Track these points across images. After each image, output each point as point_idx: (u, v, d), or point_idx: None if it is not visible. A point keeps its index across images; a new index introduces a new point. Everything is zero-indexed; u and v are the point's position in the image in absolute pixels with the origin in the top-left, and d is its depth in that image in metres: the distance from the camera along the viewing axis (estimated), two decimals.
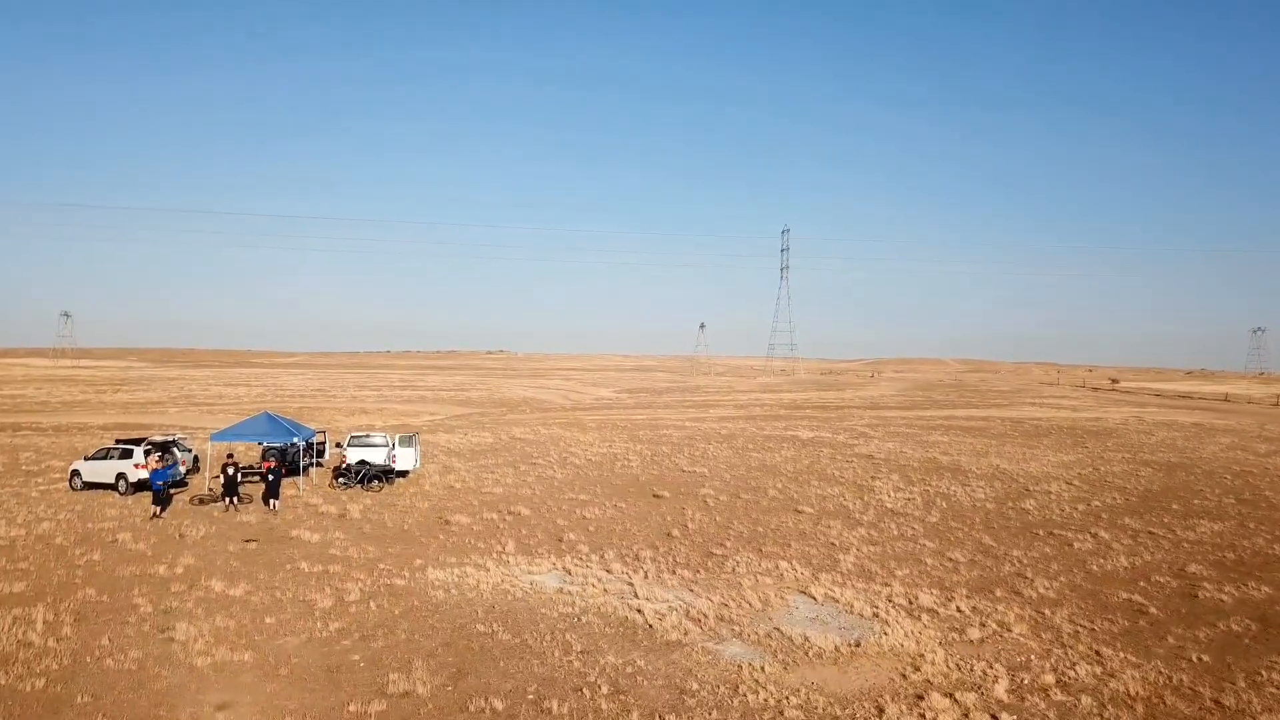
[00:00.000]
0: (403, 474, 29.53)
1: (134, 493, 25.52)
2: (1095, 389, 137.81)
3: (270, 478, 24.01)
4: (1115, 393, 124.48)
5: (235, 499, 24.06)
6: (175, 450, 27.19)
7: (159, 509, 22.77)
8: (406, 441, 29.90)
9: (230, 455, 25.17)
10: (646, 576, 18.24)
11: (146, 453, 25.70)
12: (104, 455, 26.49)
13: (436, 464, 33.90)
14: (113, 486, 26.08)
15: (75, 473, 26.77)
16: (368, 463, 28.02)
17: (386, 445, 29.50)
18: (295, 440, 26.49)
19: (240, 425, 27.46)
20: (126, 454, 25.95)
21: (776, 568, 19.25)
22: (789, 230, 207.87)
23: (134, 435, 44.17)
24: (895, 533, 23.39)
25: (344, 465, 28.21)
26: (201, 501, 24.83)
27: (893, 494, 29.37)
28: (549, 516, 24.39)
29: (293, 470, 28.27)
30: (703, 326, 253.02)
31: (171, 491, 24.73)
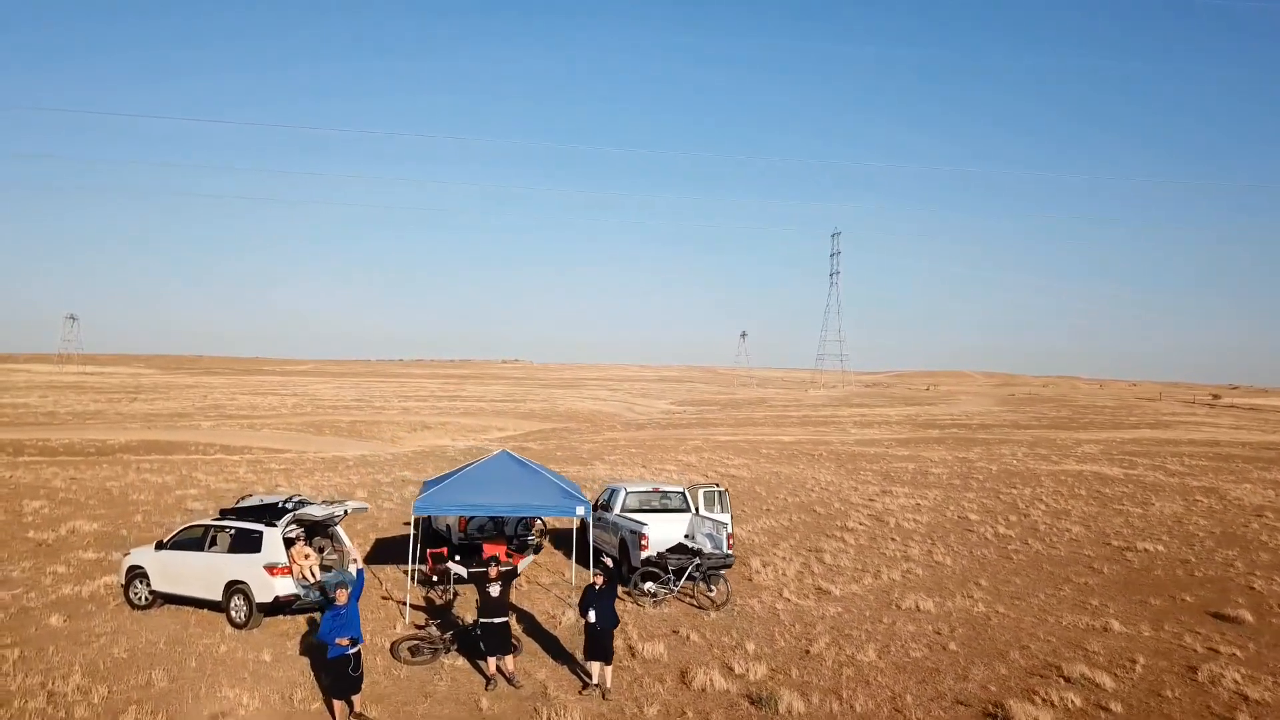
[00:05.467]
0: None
1: (263, 619, 12.27)
2: (1209, 405, 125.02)
3: (596, 624, 10.06)
4: (1239, 410, 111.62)
5: (508, 656, 10.79)
6: (340, 537, 13.35)
7: (354, 705, 9.34)
8: (716, 501, 16.61)
9: (457, 549, 12.02)
10: None
11: (290, 541, 12.22)
12: (200, 540, 12.75)
13: None
14: (217, 606, 12.57)
15: (137, 572, 13.05)
16: (695, 551, 14.69)
17: (689, 510, 16.24)
18: (579, 511, 12.94)
19: (459, 478, 13.51)
20: (248, 542, 12.19)
21: None
22: (839, 233, 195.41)
23: (231, 488, 30.52)
24: None
25: (647, 555, 14.71)
26: (413, 652, 11.42)
27: None
28: (1170, 709, 11.23)
29: (522, 548, 15.37)
30: (744, 335, 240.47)
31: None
